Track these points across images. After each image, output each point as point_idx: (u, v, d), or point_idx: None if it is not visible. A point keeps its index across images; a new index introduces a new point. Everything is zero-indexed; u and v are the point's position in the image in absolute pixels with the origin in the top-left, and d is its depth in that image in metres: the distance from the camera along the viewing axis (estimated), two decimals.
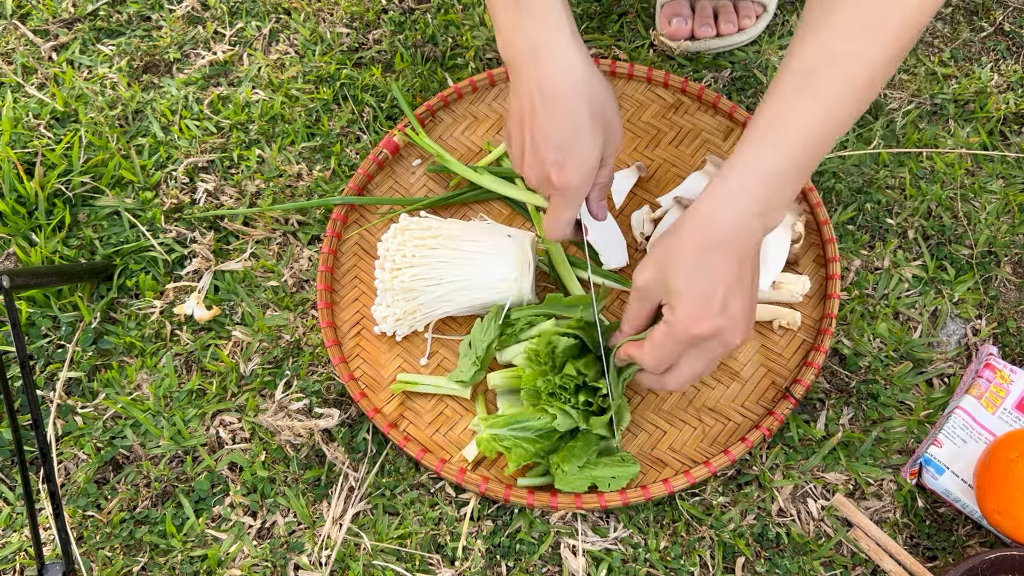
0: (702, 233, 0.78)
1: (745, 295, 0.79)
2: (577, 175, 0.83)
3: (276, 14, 1.30)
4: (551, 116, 0.82)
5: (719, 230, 0.77)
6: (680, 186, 1.07)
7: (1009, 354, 1.01)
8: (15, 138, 1.17)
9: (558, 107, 0.82)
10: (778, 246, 0.98)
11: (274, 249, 1.11)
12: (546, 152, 0.83)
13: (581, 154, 0.83)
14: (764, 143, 0.76)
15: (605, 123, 0.84)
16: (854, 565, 0.90)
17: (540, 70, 0.81)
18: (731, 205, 0.77)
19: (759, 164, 0.76)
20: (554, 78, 0.81)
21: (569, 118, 0.82)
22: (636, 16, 1.27)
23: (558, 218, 0.87)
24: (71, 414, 1.01)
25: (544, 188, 0.86)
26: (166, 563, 0.92)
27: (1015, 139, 1.16)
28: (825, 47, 0.74)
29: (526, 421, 0.89)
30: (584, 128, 0.82)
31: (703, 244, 0.77)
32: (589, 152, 0.83)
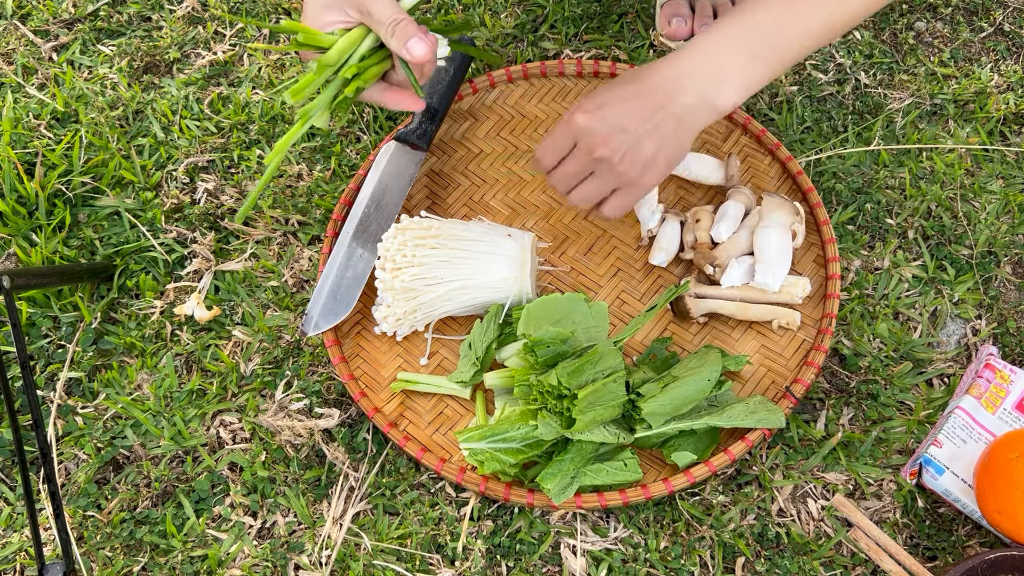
0: (638, 81, 0.88)
1: (656, 143, 0.87)
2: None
3: (276, 14, 1.30)
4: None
5: (651, 79, 0.87)
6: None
7: (1009, 354, 1.01)
8: (15, 138, 1.17)
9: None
10: (782, 249, 0.98)
11: (274, 249, 1.11)
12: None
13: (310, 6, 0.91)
14: (723, 21, 0.87)
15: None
16: (854, 565, 0.90)
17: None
18: (668, 64, 0.87)
19: (708, 36, 0.86)
20: None
21: None
22: (636, 16, 1.27)
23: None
24: (71, 414, 1.01)
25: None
26: (166, 563, 0.93)
27: (1015, 139, 1.16)
28: None
29: (505, 432, 0.89)
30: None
31: (633, 89, 0.88)
32: (317, 6, 0.90)
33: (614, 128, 0.87)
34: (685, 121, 0.87)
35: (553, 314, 0.93)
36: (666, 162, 0.89)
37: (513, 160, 1.13)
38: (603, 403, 0.86)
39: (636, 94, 0.88)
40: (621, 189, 0.91)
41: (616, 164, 0.88)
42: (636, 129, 0.87)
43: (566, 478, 0.88)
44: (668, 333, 1.01)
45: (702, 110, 0.87)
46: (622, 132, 0.87)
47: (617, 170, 0.89)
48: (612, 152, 0.88)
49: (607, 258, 1.06)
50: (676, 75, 0.87)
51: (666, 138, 0.87)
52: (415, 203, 1.10)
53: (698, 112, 0.87)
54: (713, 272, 0.98)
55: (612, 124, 0.87)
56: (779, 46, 0.86)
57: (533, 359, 0.91)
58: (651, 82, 0.88)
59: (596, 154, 0.88)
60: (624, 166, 0.88)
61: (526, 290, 0.97)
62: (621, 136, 0.87)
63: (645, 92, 0.88)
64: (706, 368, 0.90)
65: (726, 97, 0.87)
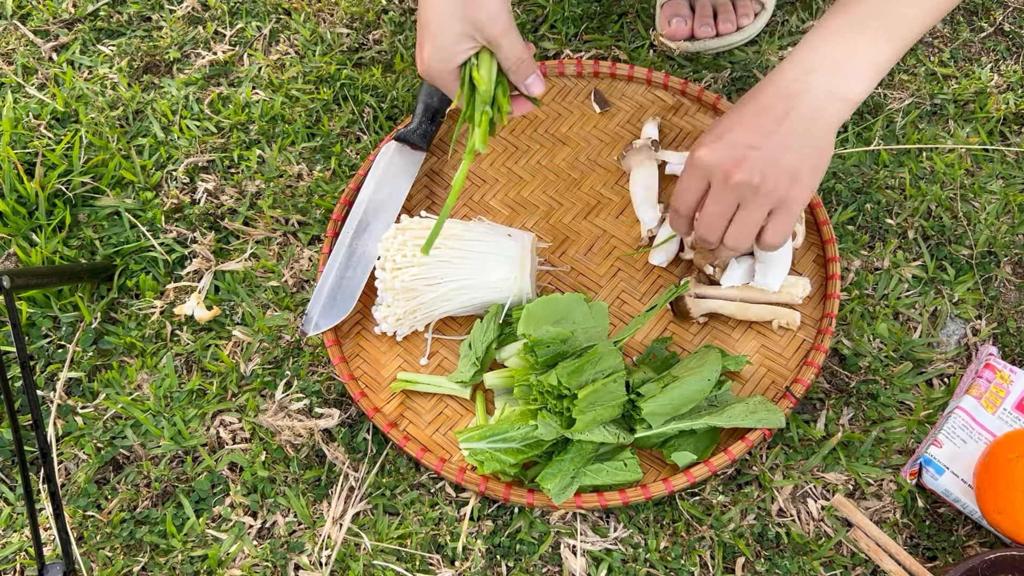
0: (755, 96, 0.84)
1: (793, 151, 0.81)
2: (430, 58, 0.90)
3: (276, 14, 1.30)
4: (420, 7, 0.89)
5: (769, 88, 0.83)
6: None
7: (1009, 354, 1.01)
8: (15, 138, 1.17)
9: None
10: (782, 250, 0.98)
11: (274, 249, 1.11)
12: (418, 40, 0.91)
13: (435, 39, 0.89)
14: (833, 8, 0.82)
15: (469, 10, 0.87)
16: (854, 565, 0.90)
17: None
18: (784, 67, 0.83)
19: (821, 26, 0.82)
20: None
21: (429, 7, 0.88)
22: (636, 16, 1.27)
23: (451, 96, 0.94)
24: (71, 414, 1.01)
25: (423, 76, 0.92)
26: (166, 563, 0.93)
27: (1015, 139, 1.16)
28: None
29: (505, 432, 0.89)
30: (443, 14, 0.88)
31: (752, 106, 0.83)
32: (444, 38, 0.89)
33: (743, 147, 0.82)
34: (817, 121, 0.82)
35: (553, 314, 0.93)
36: (811, 170, 0.82)
37: (513, 160, 1.13)
38: (603, 403, 0.86)
39: (756, 109, 0.83)
40: (776, 211, 0.84)
41: (759, 185, 0.81)
42: (766, 143, 0.81)
43: (566, 478, 0.88)
44: (668, 333, 1.01)
45: (832, 105, 0.82)
46: (752, 149, 0.81)
47: (762, 191, 0.82)
48: (750, 174, 0.81)
49: (607, 258, 1.06)
50: (794, 76, 0.82)
51: (802, 144, 0.82)
52: (415, 203, 1.10)
53: (828, 109, 0.82)
54: (713, 272, 0.98)
55: (739, 144, 0.82)
56: (898, 21, 0.81)
57: (533, 359, 0.91)
58: (769, 91, 0.83)
59: (734, 180, 0.82)
60: (769, 184, 0.81)
61: (526, 290, 0.97)
62: (753, 154, 0.81)
63: (765, 103, 0.83)
64: (706, 368, 0.90)
65: (855, 86, 0.81)
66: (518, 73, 0.90)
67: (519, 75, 0.90)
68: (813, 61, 0.82)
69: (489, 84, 0.91)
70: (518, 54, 0.90)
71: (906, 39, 0.82)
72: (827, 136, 0.83)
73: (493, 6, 0.87)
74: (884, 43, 0.81)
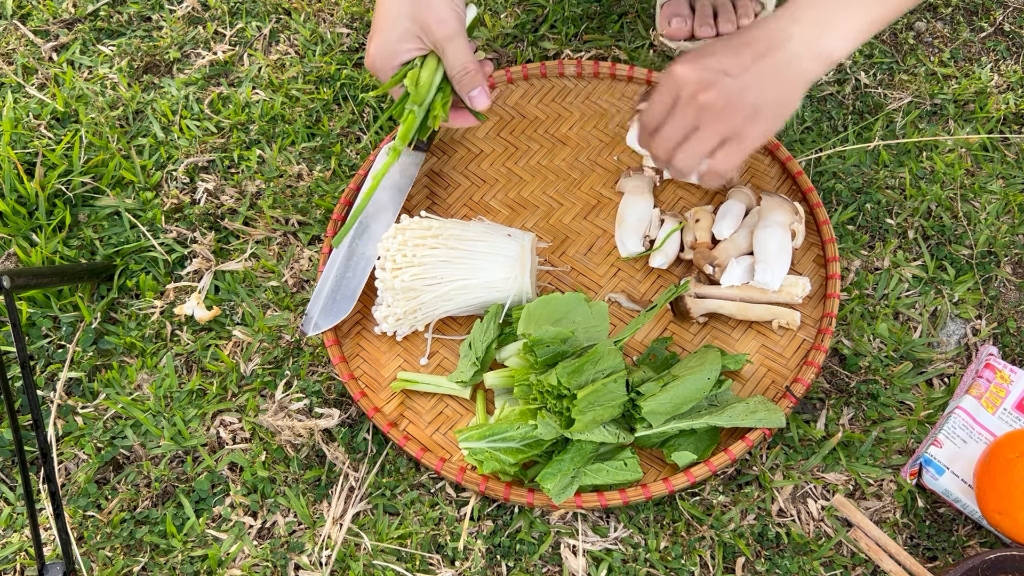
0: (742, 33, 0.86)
1: (762, 90, 0.83)
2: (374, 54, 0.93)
3: (276, 14, 1.30)
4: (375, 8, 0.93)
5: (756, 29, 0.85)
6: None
7: (1009, 354, 1.01)
8: (15, 138, 1.17)
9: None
10: (782, 249, 0.98)
11: (274, 249, 1.11)
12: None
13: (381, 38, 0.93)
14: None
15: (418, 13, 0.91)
16: (854, 565, 0.90)
17: None
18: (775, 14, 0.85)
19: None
20: None
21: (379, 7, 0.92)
22: (636, 16, 1.27)
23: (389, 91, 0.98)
24: (71, 414, 1.01)
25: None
26: (166, 563, 0.93)
27: (1015, 139, 1.16)
28: None
29: (504, 432, 0.89)
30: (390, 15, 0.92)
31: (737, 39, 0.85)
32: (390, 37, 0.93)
33: (717, 72, 0.83)
34: (792, 69, 0.84)
35: (553, 314, 0.93)
36: (772, 113, 0.85)
37: (513, 160, 1.13)
38: (603, 403, 0.86)
39: (740, 43, 0.85)
40: (728, 141, 0.86)
41: (721, 110, 0.84)
42: (740, 74, 0.83)
43: (566, 478, 0.88)
44: (668, 333, 1.01)
45: (809, 58, 0.84)
46: (725, 75, 0.83)
47: (722, 116, 0.84)
48: (716, 98, 0.83)
49: (607, 258, 1.06)
50: (781, 24, 0.84)
51: (771, 86, 0.84)
52: (415, 203, 1.10)
53: (805, 60, 0.84)
54: (713, 272, 0.98)
55: (714, 69, 0.84)
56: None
57: (533, 359, 0.91)
58: (755, 31, 0.85)
59: (699, 100, 0.84)
60: (729, 112, 0.84)
61: (526, 290, 0.97)
62: (725, 79, 0.83)
63: (748, 40, 0.85)
64: (706, 367, 0.90)
65: (834, 43, 0.84)
66: (461, 83, 0.92)
67: (462, 85, 0.92)
68: (800, 13, 0.84)
69: (425, 88, 0.93)
70: (463, 63, 0.91)
71: (893, 6, 0.84)
72: (796, 86, 0.85)
73: (443, 11, 0.89)
74: (869, 7, 0.84)
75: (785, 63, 0.84)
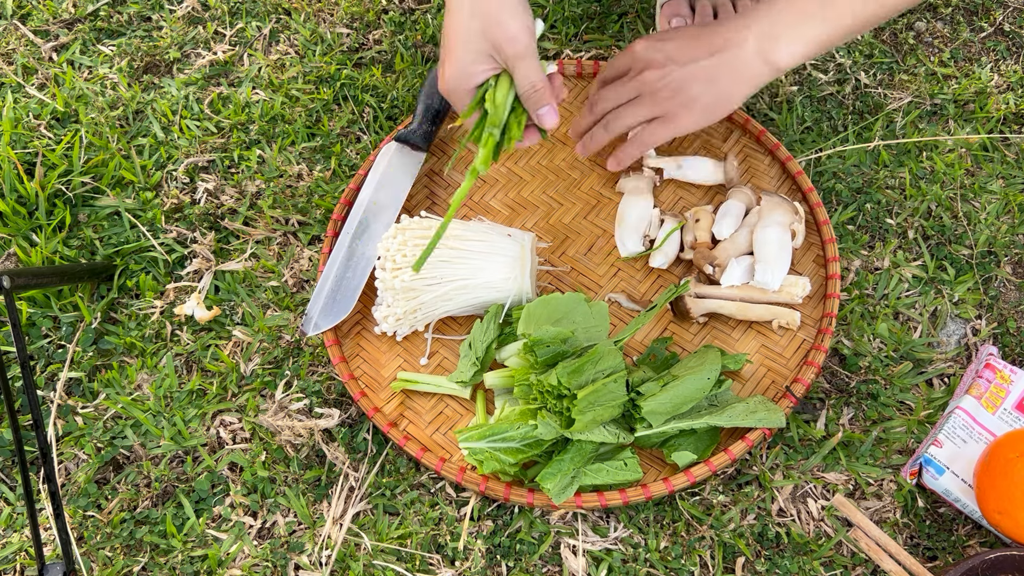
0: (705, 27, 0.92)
1: (703, 82, 0.90)
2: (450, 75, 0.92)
3: (276, 14, 1.30)
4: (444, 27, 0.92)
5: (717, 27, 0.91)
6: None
7: (1009, 354, 1.01)
8: (16, 138, 1.17)
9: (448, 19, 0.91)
10: (782, 248, 0.98)
11: (274, 249, 1.11)
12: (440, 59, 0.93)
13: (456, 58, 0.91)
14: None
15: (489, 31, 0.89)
16: (854, 565, 0.90)
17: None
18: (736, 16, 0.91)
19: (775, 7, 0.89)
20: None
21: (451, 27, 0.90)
22: (636, 16, 1.27)
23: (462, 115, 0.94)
24: (71, 414, 1.01)
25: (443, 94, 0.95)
26: (166, 563, 0.93)
27: (1015, 139, 1.16)
28: None
29: (504, 432, 0.89)
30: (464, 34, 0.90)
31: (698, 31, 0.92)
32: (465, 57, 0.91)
33: (667, 57, 0.91)
34: (738, 71, 0.90)
35: (553, 314, 0.93)
36: (706, 107, 0.91)
37: (513, 160, 1.13)
38: (603, 403, 0.86)
39: (698, 35, 0.92)
40: (659, 120, 0.93)
41: (659, 90, 0.91)
42: (687, 64, 0.90)
43: (566, 478, 0.88)
44: (668, 333, 1.01)
45: (757, 64, 0.89)
46: (673, 62, 0.91)
47: (659, 96, 0.92)
48: (658, 78, 0.91)
49: (607, 258, 1.06)
50: (738, 26, 0.90)
51: (714, 81, 0.90)
52: (415, 203, 1.10)
53: (753, 65, 0.89)
54: (713, 272, 0.98)
55: (666, 53, 0.91)
56: (838, 5, 0.87)
57: (533, 359, 0.91)
58: (716, 28, 0.91)
59: (643, 76, 0.92)
60: (666, 93, 0.91)
61: (526, 290, 0.97)
62: (671, 65, 0.91)
63: (706, 35, 0.91)
64: (705, 367, 0.90)
65: (781, 53, 0.89)
66: (530, 101, 0.93)
67: (531, 103, 0.93)
68: (754, 19, 0.89)
69: (501, 108, 0.91)
70: (532, 81, 0.91)
71: (846, 27, 0.89)
72: (737, 87, 0.91)
73: (514, 27, 0.89)
74: (820, 23, 0.88)
75: (733, 63, 0.90)
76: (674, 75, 0.91)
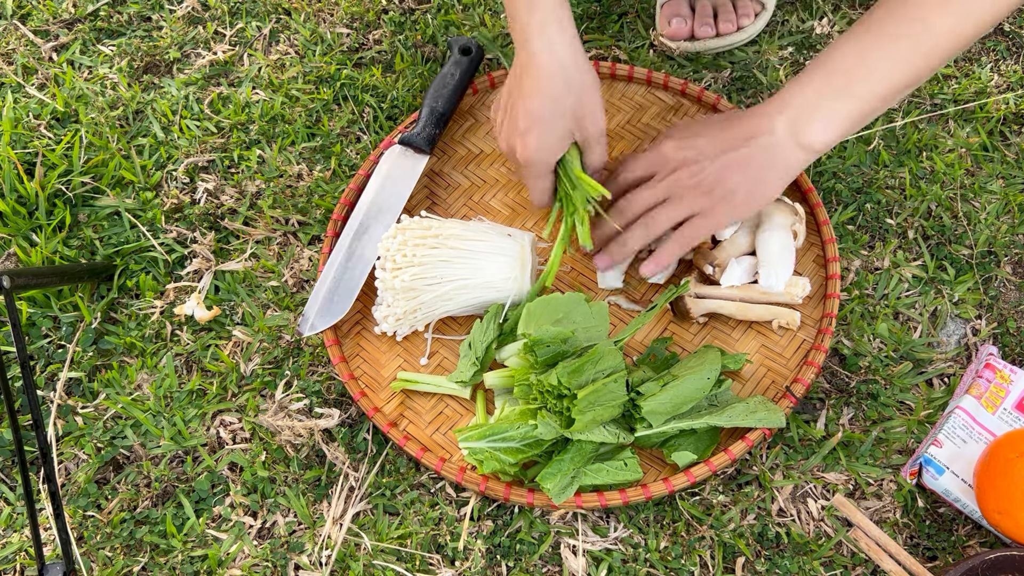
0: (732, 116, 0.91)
1: (739, 174, 0.88)
2: (537, 147, 0.92)
3: (276, 14, 1.30)
4: (530, 92, 0.90)
5: (745, 115, 0.89)
6: None
7: (1009, 354, 1.01)
8: (15, 138, 1.17)
9: (538, 85, 0.90)
10: (784, 251, 0.98)
11: (274, 249, 1.11)
12: (517, 123, 0.91)
13: (545, 130, 0.91)
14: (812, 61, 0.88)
15: (578, 107, 0.91)
16: (854, 565, 0.90)
17: (530, 52, 0.90)
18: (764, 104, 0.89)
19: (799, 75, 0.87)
20: (541, 59, 0.89)
21: (544, 96, 0.90)
22: (636, 16, 1.27)
23: (531, 186, 0.98)
24: (71, 414, 1.01)
25: (512, 158, 0.96)
26: (166, 563, 0.93)
27: (1015, 139, 1.16)
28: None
29: (504, 432, 0.89)
30: (556, 107, 0.90)
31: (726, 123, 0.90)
32: (553, 130, 0.92)
33: (700, 154, 0.89)
34: (772, 158, 0.87)
35: (553, 314, 0.93)
36: (745, 198, 0.89)
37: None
38: (603, 403, 0.86)
39: (727, 126, 0.90)
40: (697, 216, 0.91)
41: (695, 186, 0.89)
42: (720, 157, 0.88)
43: (566, 478, 0.88)
44: (668, 333, 1.01)
45: (790, 148, 0.87)
46: (706, 159, 0.89)
47: (697, 192, 0.89)
48: (692, 175, 0.89)
49: None
50: (767, 111, 0.88)
51: (749, 171, 0.88)
52: (415, 203, 1.10)
53: (786, 150, 0.87)
54: (713, 272, 0.98)
55: (698, 149, 0.89)
56: (865, 77, 0.84)
57: (533, 359, 0.91)
58: (744, 117, 0.89)
59: (675, 175, 0.90)
60: (702, 189, 0.89)
61: (526, 290, 0.97)
62: (704, 162, 0.89)
63: (734, 125, 0.89)
64: (705, 367, 0.90)
65: (814, 135, 0.86)
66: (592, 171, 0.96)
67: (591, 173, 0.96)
68: (782, 102, 0.87)
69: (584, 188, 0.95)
70: (601, 159, 0.96)
71: (878, 98, 0.85)
72: (775, 175, 0.88)
73: (595, 105, 0.92)
74: (854, 100, 0.85)
75: (768, 150, 0.87)
76: (708, 170, 0.89)
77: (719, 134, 0.90)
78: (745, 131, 0.88)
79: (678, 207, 0.91)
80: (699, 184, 0.89)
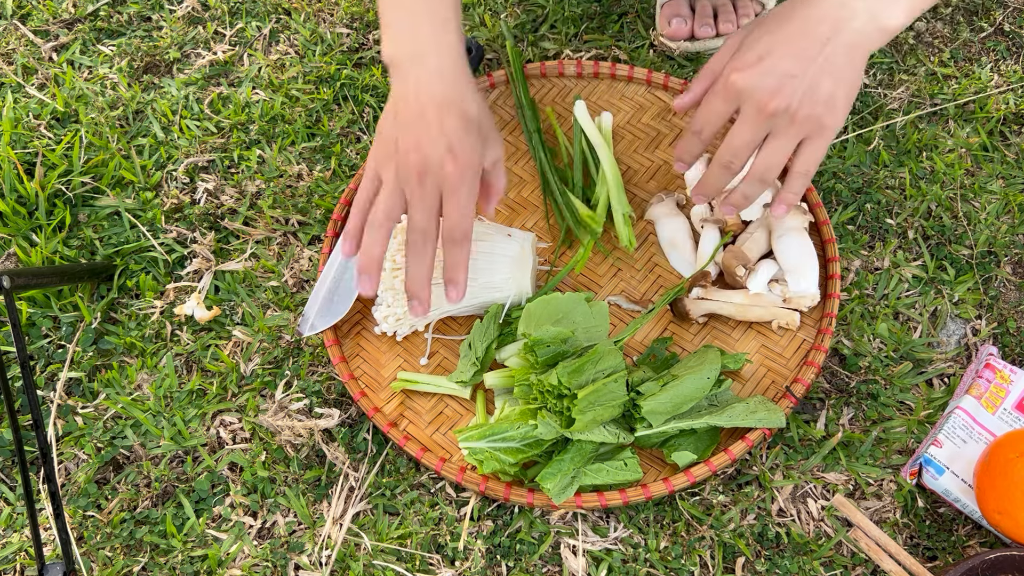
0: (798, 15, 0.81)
1: (833, 78, 0.80)
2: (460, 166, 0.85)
3: (276, 14, 1.30)
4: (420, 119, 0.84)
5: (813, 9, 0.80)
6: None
7: (1009, 354, 1.01)
8: (15, 138, 1.17)
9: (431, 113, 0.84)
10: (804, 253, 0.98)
11: (274, 249, 1.11)
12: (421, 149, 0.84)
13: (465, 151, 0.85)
14: None
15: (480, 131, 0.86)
16: (854, 565, 0.90)
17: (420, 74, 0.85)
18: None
19: None
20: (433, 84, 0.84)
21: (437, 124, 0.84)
22: (636, 16, 1.27)
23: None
24: (71, 414, 1.01)
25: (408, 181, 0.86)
26: (166, 563, 0.93)
27: (1015, 139, 1.16)
28: None
29: (504, 432, 0.89)
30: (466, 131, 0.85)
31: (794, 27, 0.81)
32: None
33: (783, 76, 0.80)
34: (857, 48, 0.81)
35: (553, 314, 0.93)
36: (846, 97, 0.82)
37: (513, 160, 1.13)
38: (603, 403, 0.86)
39: (800, 32, 0.81)
40: (809, 139, 0.83)
41: (795, 113, 0.81)
42: (807, 69, 0.80)
43: (566, 478, 0.88)
44: (668, 333, 1.01)
45: (871, 32, 0.80)
46: (793, 78, 0.80)
47: (798, 120, 0.81)
48: (788, 102, 0.80)
49: (607, 258, 1.06)
50: (838, 1, 0.80)
51: (841, 70, 0.80)
52: None
53: (868, 35, 0.80)
54: (743, 275, 0.97)
55: (780, 72, 0.80)
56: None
57: (533, 359, 0.91)
58: (814, 13, 0.81)
59: (769, 109, 0.81)
60: (805, 112, 0.81)
61: (526, 290, 0.97)
62: (792, 82, 0.80)
63: (809, 27, 0.81)
64: (705, 367, 0.90)
65: (896, 16, 0.80)
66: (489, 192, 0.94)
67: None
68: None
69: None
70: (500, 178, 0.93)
71: None
72: (862, 64, 0.82)
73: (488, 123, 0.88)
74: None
75: (852, 43, 0.80)
76: (800, 89, 0.80)
77: (797, 44, 0.81)
78: (825, 30, 0.80)
79: (785, 141, 0.84)
80: (799, 108, 0.81)
